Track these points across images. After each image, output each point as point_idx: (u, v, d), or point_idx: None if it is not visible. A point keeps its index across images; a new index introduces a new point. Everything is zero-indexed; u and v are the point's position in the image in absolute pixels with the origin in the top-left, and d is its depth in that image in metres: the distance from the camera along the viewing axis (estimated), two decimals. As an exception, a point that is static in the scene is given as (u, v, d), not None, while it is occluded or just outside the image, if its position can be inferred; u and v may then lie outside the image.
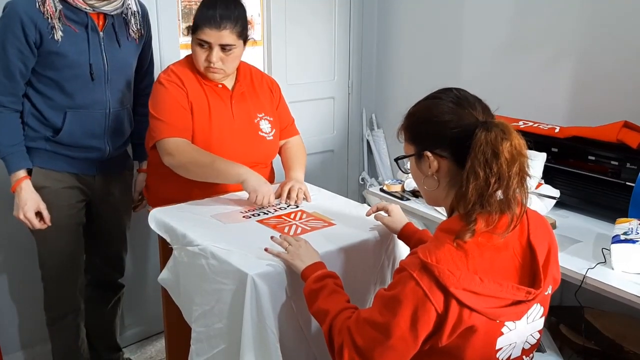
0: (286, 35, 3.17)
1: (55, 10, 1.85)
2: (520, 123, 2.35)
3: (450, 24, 3.09)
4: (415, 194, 2.29)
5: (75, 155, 2.04)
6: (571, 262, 1.73)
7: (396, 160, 1.35)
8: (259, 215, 1.81)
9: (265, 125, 2.07)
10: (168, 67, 2.03)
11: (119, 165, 2.23)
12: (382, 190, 2.40)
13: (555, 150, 2.20)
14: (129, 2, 2.02)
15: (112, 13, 1.96)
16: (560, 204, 2.11)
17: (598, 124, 2.19)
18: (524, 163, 1.13)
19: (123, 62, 2.07)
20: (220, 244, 1.56)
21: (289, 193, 1.95)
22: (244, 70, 2.08)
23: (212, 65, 1.92)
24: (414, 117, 1.27)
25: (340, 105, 3.52)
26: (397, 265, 1.66)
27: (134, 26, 2.06)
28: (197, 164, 1.89)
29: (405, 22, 3.35)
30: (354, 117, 3.60)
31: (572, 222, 2.07)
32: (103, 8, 1.93)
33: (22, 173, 1.95)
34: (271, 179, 2.21)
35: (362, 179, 3.70)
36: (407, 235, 1.61)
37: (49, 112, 1.96)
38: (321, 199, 1.99)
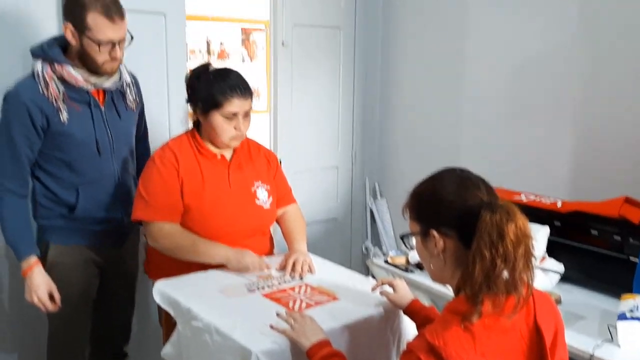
0: (292, 105, 3.26)
1: (59, 93, 1.90)
2: (522, 196, 2.37)
3: (450, 97, 3.18)
4: (419, 266, 2.29)
5: (92, 228, 2.07)
6: (577, 339, 1.72)
7: (402, 237, 1.36)
8: (263, 288, 1.81)
9: (262, 194, 2.08)
10: (166, 143, 2.05)
11: (129, 231, 2.24)
12: (386, 262, 2.40)
13: (558, 224, 2.22)
14: (124, 74, 2.08)
15: (111, 89, 2.02)
16: (564, 278, 2.11)
17: (599, 198, 2.22)
18: (529, 244, 1.15)
19: (125, 132, 2.13)
20: (224, 319, 1.55)
21: (293, 265, 1.95)
22: (242, 141, 2.09)
23: (239, 133, 1.98)
24: (419, 197, 1.29)
25: (344, 174, 3.57)
26: (402, 343, 1.66)
27: (130, 96, 2.11)
28: (179, 248, 1.94)
29: (407, 94, 3.45)
30: (357, 186, 3.64)
31: (576, 297, 2.06)
32: (104, 85, 1.99)
33: (32, 259, 1.95)
34: (271, 248, 2.22)
35: (366, 248, 3.70)
36: (413, 312, 1.61)
37: (61, 190, 2.00)
38: (325, 272, 1.99)
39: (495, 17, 2.91)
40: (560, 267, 2.09)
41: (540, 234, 2.12)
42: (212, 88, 1.93)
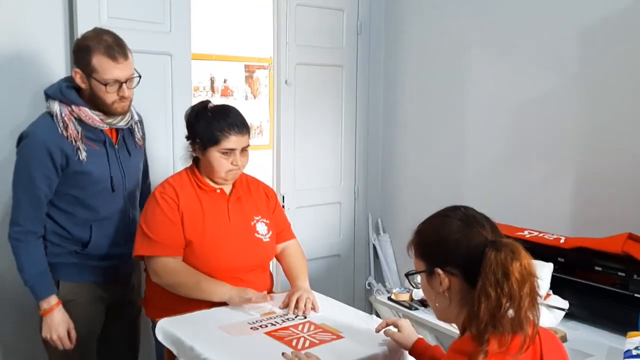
0: (294, 141, 3.29)
1: (78, 133, 1.96)
2: (526, 232, 2.38)
3: (452, 135, 3.21)
4: (424, 303, 2.28)
5: (101, 265, 2.10)
6: (584, 378, 1.70)
7: (407, 275, 1.36)
8: (266, 326, 1.81)
9: (261, 228, 2.09)
10: (166, 179, 2.09)
11: (134, 267, 2.28)
12: (390, 299, 2.39)
13: (562, 260, 2.21)
14: (132, 113, 2.13)
15: (124, 127, 2.09)
16: (569, 315, 2.09)
17: (602, 234, 2.22)
18: (534, 283, 1.15)
19: (135, 169, 2.19)
20: (227, 358, 1.55)
21: (297, 303, 1.95)
22: (241, 176, 2.12)
23: (236, 168, 2.02)
24: (424, 235, 1.30)
25: (347, 210, 3.58)
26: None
27: (138, 134, 2.18)
28: (182, 285, 1.95)
29: (409, 130, 3.49)
30: (360, 222, 3.65)
31: (582, 334, 2.05)
32: (119, 124, 2.05)
33: (53, 299, 1.99)
34: (271, 285, 2.21)
35: (369, 284, 3.68)
36: (418, 351, 1.59)
37: (74, 228, 2.03)
38: (329, 309, 1.98)
39: (495, 58, 2.96)
40: (565, 303, 2.08)
41: (544, 271, 2.12)
42: (210, 126, 1.98)
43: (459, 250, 1.20)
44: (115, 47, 1.93)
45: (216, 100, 5.79)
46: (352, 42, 3.44)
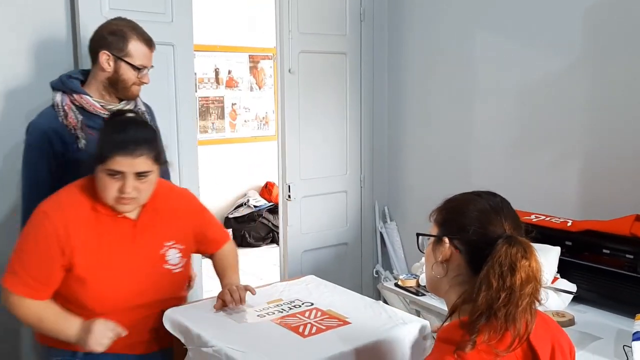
0: (299, 131, 3.29)
1: (77, 122, 2.00)
2: (533, 217, 2.37)
3: (459, 120, 3.19)
4: (430, 289, 2.28)
5: None
6: (593, 360, 1.70)
7: (418, 235, 1.35)
8: (273, 313, 1.81)
9: (173, 256, 1.81)
10: (59, 192, 1.77)
11: None
12: (396, 285, 2.39)
13: (569, 243, 2.20)
14: (138, 103, 2.17)
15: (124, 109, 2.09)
16: (577, 298, 2.09)
17: (609, 217, 2.20)
18: (537, 288, 1.13)
19: None
20: (235, 345, 1.55)
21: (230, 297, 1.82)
22: (154, 192, 1.79)
23: (125, 195, 1.65)
24: (450, 204, 1.29)
25: (353, 198, 3.58)
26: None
27: None
28: (32, 325, 1.73)
29: (415, 117, 3.47)
30: (366, 211, 3.64)
31: (590, 317, 2.04)
32: (117, 107, 2.07)
33: None
34: None
35: (376, 272, 3.69)
36: None
37: None
38: (337, 296, 1.98)
39: (501, 42, 2.94)
40: (572, 287, 2.07)
41: (552, 254, 2.11)
42: (103, 137, 1.69)
43: (473, 229, 1.19)
44: (147, 36, 2.07)
45: (221, 91, 5.82)
46: (355, 29, 3.42)
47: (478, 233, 1.18)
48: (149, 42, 2.06)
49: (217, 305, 1.81)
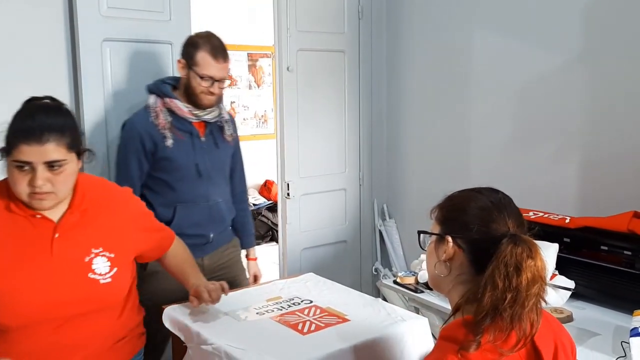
0: (298, 130, 3.29)
1: (167, 123, 2.19)
2: (531, 214, 2.37)
3: (458, 119, 3.20)
4: (428, 286, 2.28)
5: (185, 241, 2.11)
6: (591, 356, 1.70)
7: (419, 233, 1.34)
8: (273, 311, 1.82)
9: (100, 265, 1.58)
10: None
11: (221, 244, 2.42)
12: (395, 282, 2.39)
13: (567, 240, 2.21)
14: (223, 112, 2.35)
15: (211, 121, 2.28)
16: (575, 295, 2.09)
17: (607, 213, 2.21)
18: (542, 288, 1.12)
19: (220, 161, 2.37)
20: (234, 343, 1.56)
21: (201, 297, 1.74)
22: (82, 190, 1.59)
23: (37, 190, 1.45)
24: (451, 201, 1.27)
25: (352, 196, 3.58)
26: (412, 364, 1.64)
27: (227, 131, 2.35)
28: None
29: (414, 114, 3.48)
30: (365, 208, 3.65)
31: (589, 314, 2.04)
32: (204, 117, 2.26)
33: None
34: (131, 322, 1.73)
35: (376, 270, 3.69)
36: None
37: (161, 207, 2.23)
38: (336, 294, 1.99)
39: (499, 40, 2.94)
40: (571, 283, 2.08)
41: (550, 251, 2.11)
42: (10, 126, 1.48)
43: (476, 227, 1.17)
44: (219, 49, 2.19)
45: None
46: (353, 26, 3.43)
47: (481, 232, 1.17)
48: (215, 54, 2.16)
49: (195, 304, 1.73)
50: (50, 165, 1.45)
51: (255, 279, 2.57)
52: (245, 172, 2.55)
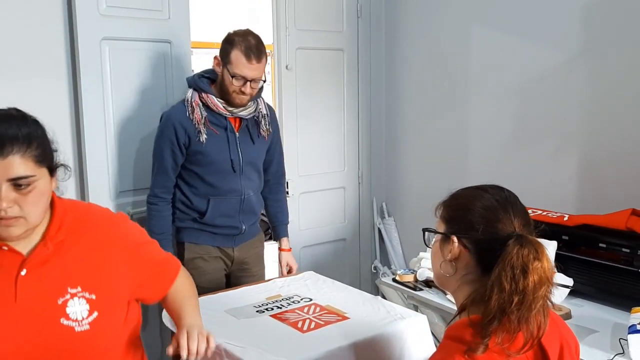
0: (297, 128, 3.29)
1: (202, 117, 2.23)
2: (530, 212, 2.37)
3: (457, 117, 3.20)
4: (428, 284, 2.29)
5: (216, 232, 2.37)
6: (589, 353, 1.70)
7: (424, 230, 1.32)
8: (272, 309, 1.82)
9: (76, 308, 1.27)
10: None
11: (251, 236, 2.48)
12: (394, 280, 2.40)
13: (566, 238, 2.21)
14: (260, 106, 2.37)
15: (246, 117, 2.30)
16: (574, 292, 2.10)
17: (606, 211, 2.21)
18: (549, 289, 1.11)
19: (254, 156, 2.39)
20: (234, 341, 1.56)
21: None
22: (60, 217, 1.30)
23: (2, 214, 1.17)
24: (456, 200, 1.26)
25: (351, 194, 3.58)
26: (411, 361, 1.65)
27: (264, 126, 2.38)
28: None
29: (413, 113, 3.48)
30: (364, 206, 3.65)
31: (587, 311, 2.05)
32: (240, 113, 2.28)
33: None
34: None
35: (375, 268, 3.70)
36: None
37: (195, 199, 2.32)
38: (335, 291, 2.00)
39: (498, 38, 2.94)
40: (569, 281, 2.08)
41: (548, 249, 2.11)
42: None
43: (482, 228, 1.16)
44: (254, 49, 2.17)
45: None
46: (352, 25, 3.43)
47: (487, 232, 1.15)
48: (249, 54, 2.15)
49: (170, 350, 1.32)
50: (16, 183, 1.17)
51: (290, 270, 2.57)
52: (283, 163, 2.60)
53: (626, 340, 1.68)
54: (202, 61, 5.25)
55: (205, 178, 2.29)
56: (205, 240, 2.36)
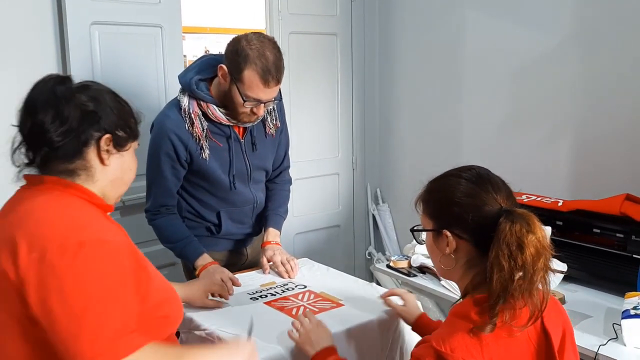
0: (290, 114, 3.26)
1: (203, 131, 1.93)
2: (524, 197, 2.37)
3: (450, 101, 3.18)
4: (422, 270, 2.29)
5: (232, 239, 2.19)
6: (583, 338, 1.71)
7: (412, 230, 1.31)
8: (266, 296, 1.81)
9: None
10: None
11: (259, 232, 2.28)
12: (388, 266, 2.39)
13: (560, 223, 2.21)
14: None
15: (251, 125, 2.02)
16: (568, 277, 2.10)
17: (600, 196, 2.21)
18: (548, 258, 1.12)
19: (263, 160, 2.13)
20: (227, 328, 1.56)
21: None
22: None
23: None
24: (434, 194, 1.25)
25: (345, 181, 3.58)
26: (405, 348, 1.65)
27: (270, 123, 2.09)
28: None
29: (406, 98, 3.46)
30: (358, 193, 3.64)
31: (581, 296, 2.06)
32: (244, 125, 2.00)
33: (207, 258, 1.98)
34: None
35: (369, 254, 3.70)
36: (421, 326, 1.58)
37: (204, 211, 2.10)
38: (330, 278, 1.99)
39: (492, 22, 2.92)
40: (563, 266, 2.08)
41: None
42: None
43: (469, 214, 1.16)
44: (273, 70, 1.82)
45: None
46: (346, 9, 3.39)
47: (477, 217, 1.15)
48: (266, 78, 1.80)
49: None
50: None
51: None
52: (288, 153, 2.28)
53: (619, 325, 1.69)
54: (194, 46, 5.20)
55: (212, 192, 2.06)
56: (220, 248, 2.16)
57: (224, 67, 1.86)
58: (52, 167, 1.14)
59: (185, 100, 1.93)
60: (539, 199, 2.35)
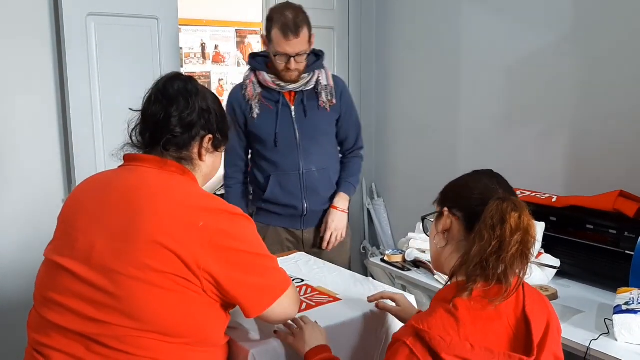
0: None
1: (254, 93, 2.26)
2: (518, 192, 2.37)
3: (446, 96, 3.19)
4: (416, 264, 2.30)
5: (281, 212, 2.37)
6: (574, 333, 1.72)
7: (423, 218, 1.40)
8: (261, 289, 1.81)
9: None
10: None
11: (319, 220, 2.42)
12: (382, 260, 2.40)
13: (554, 219, 2.23)
14: (321, 78, 2.31)
15: (297, 90, 2.27)
16: (560, 273, 2.12)
17: (594, 193, 2.23)
18: (528, 240, 1.16)
19: (313, 130, 2.32)
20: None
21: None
22: None
23: None
24: (452, 183, 1.34)
25: (341, 175, 3.57)
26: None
27: (324, 97, 2.30)
28: None
29: (402, 93, 3.46)
30: (354, 187, 3.64)
31: (573, 291, 2.07)
32: (289, 87, 2.26)
33: None
34: None
35: (364, 248, 3.71)
36: None
37: (259, 175, 2.36)
38: (327, 273, 1.99)
39: (489, 17, 2.92)
40: (556, 262, 2.10)
41: (537, 229, 2.13)
42: None
43: (471, 196, 1.24)
44: (291, 24, 2.12)
45: (208, 67, 5.75)
46: (343, 3, 3.39)
47: (474, 200, 1.22)
48: (285, 31, 2.11)
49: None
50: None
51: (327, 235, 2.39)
52: (360, 136, 2.49)
53: (611, 320, 1.70)
54: (190, 39, 5.18)
55: (265, 155, 2.31)
56: (273, 221, 2.37)
57: (263, 34, 2.24)
58: (167, 153, 1.32)
59: (246, 72, 2.32)
60: (533, 194, 2.36)
